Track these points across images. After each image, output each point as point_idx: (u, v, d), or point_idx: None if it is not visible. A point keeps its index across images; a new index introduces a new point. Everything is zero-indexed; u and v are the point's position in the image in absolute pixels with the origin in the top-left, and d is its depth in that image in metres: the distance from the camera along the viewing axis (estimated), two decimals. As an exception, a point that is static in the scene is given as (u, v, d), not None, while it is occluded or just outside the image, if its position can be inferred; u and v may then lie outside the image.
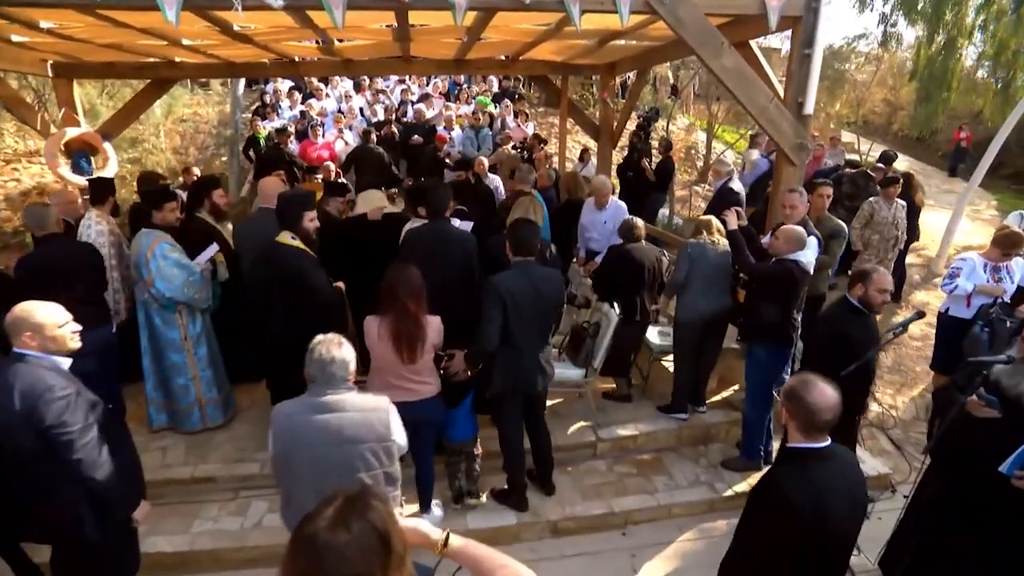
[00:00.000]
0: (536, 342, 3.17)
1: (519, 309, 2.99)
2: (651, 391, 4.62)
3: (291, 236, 3.31)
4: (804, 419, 1.82)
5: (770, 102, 3.68)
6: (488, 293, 2.97)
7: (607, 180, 5.02)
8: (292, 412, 2.11)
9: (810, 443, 1.84)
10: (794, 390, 1.86)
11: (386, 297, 2.75)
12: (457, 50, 6.05)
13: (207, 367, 4.04)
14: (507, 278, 2.99)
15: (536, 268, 3.09)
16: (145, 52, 5.61)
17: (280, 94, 9.59)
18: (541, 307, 3.09)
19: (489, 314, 2.97)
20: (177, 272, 3.70)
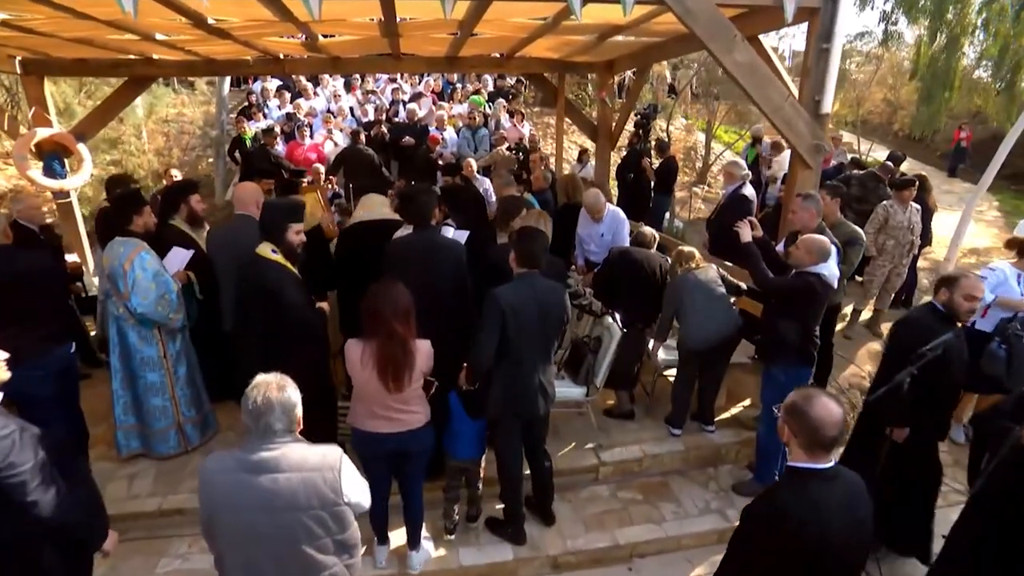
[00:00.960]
0: (538, 361, 2.90)
1: (521, 325, 2.72)
2: (656, 408, 4.35)
3: (272, 249, 3.00)
4: (807, 436, 1.71)
5: (785, 100, 3.42)
6: (487, 306, 2.70)
7: (599, 194, 4.75)
8: (217, 470, 1.77)
9: (813, 463, 1.74)
10: (795, 405, 1.76)
11: (370, 319, 2.47)
12: (449, 47, 5.78)
13: (186, 386, 3.75)
14: (509, 291, 2.73)
15: (540, 281, 2.83)
16: (119, 48, 5.31)
17: (267, 93, 9.27)
18: (544, 323, 2.83)
19: (486, 330, 2.70)
20: (153, 287, 3.39)
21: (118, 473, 3.62)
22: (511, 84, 10.57)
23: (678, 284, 3.83)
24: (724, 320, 3.72)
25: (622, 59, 6.63)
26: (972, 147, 15.09)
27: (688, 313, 3.74)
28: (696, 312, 3.70)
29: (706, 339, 3.70)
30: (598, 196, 4.74)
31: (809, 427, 1.70)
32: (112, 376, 3.62)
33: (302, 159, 7.87)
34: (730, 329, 3.74)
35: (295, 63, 6.30)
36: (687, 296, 3.73)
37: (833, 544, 1.67)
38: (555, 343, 2.98)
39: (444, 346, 2.87)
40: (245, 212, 3.55)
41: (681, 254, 3.89)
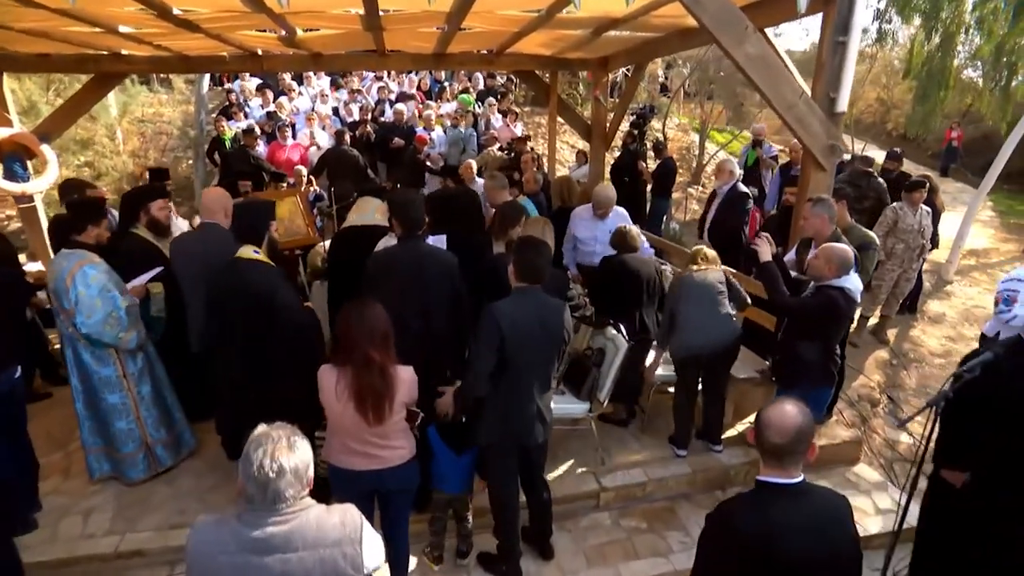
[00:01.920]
0: (537, 385, 2.63)
1: (520, 345, 2.44)
2: (653, 425, 4.10)
3: (254, 250, 2.84)
4: (766, 444, 1.63)
5: (799, 98, 3.17)
6: (483, 323, 2.42)
7: (611, 188, 4.47)
8: (213, 550, 1.43)
9: (776, 476, 1.64)
10: (760, 414, 1.69)
11: (344, 344, 2.18)
12: (437, 43, 5.49)
13: (152, 406, 3.45)
14: (508, 306, 2.45)
15: (542, 297, 2.55)
16: (83, 42, 4.96)
17: (248, 92, 8.91)
18: (545, 344, 2.55)
19: (481, 350, 2.42)
20: (99, 305, 3.07)
21: (74, 507, 3.29)
22: (501, 83, 10.30)
23: (676, 284, 3.58)
24: (721, 328, 3.45)
25: (617, 56, 6.37)
26: (963, 147, 15.09)
27: (683, 316, 3.47)
28: (691, 316, 3.44)
29: (700, 347, 3.43)
30: (610, 191, 4.47)
31: (760, 431, 1.64)
32: (74, 397, 3.31)
33: (284, 160, 7.54)
34: (727, 338, 3.47)
35: (274, 60, 5.97)
36: (684, 297, 3.47)
37: (792, 563, 1.57)
38: (555, 366, 2.70)
39: (435, 371, 2.59)
40: (212, 220, 3.24)
41: (698, 254, 3.60)
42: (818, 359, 2.96)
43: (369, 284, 2.77)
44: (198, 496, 3.41)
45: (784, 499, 1.62)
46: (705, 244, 5.23)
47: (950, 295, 6.89)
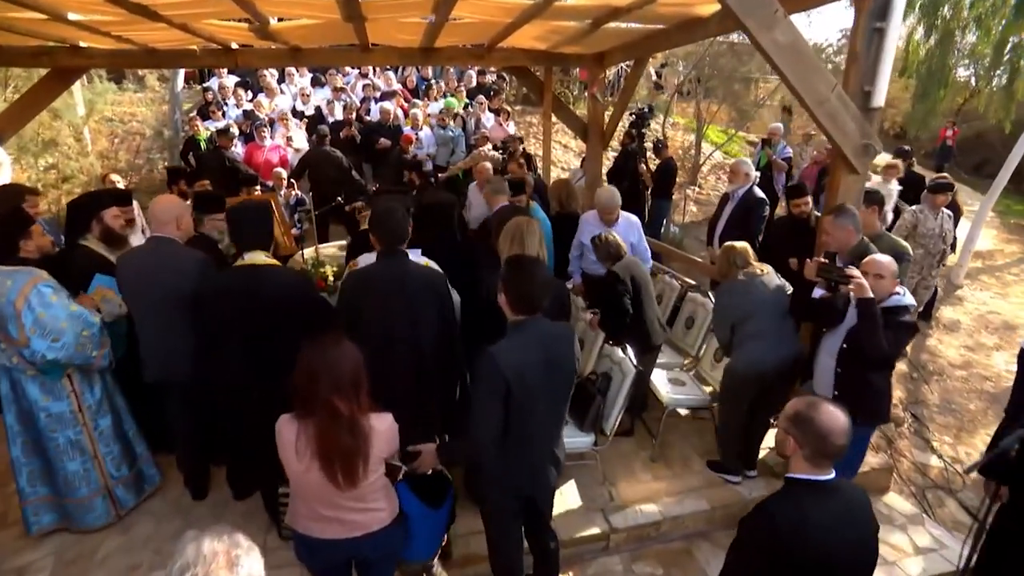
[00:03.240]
0: (548, 430, 2.25)
1: (528, 391, 2.05)
2: (664, 454, 3.74)
3: (265, 255, 2.61)
4: (814, 446, 1.63)
5: (832, 91, 2.81)
6: (483, 371, 2.01)
7: (615, 192, 4.11)
8: None
9: (813, 474, 1.66)
10: (800, 414, 1.67)
11: (303, 391, 1.78)
12: (424, 36, 5.09)
13: (113, 440, 3.05)
14: (511, 349, 2.03)
15: (545, 327, 2.15)
16: (34, 32, 4.50)
17: (226, 91, 8.43)
18: (555, 383, 2.17)
19: (484, 405, 2.02)
20: (67, 324, 2.66)
21: (5, 565, 2.85)
22: (492, 80, 9.90)
23: (740, 291, 3.14)
24: (790, 342, 3.08)
25: (614, 51, 6.01)
26: (957, 145, 14.97)
27: (753, 329, 3.07)
28: (762, 329, 3.04)
29: (770, 363, 3.04)
30: (613, 194, 4.10)
31: (817, 435, 1.61)
32: (10, 441, 2.87)
33: (262, 162, 7.09)
34: (796, 353, 3.10)
35: (249, 55, 5.53)
36: (753, 307, 3.06)
37: (834, 561, 1.59)
38: (568, 403, 2.32)
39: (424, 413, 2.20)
40: (163, 234, 2.81)
41: (734, 252, 3.20)
42: (888, 388, 2.63)
43: (344, 310, 2.37)
44: (156, 547, 2.99)
45: (822, 496, 1.63)
46: (715, 251, 4.89)
47: (962, 300, 6.62)
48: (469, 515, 2.85)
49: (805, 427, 1.63)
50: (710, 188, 12.43)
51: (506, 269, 2.17)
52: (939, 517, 3.49)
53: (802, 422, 1.64)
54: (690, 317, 4.34)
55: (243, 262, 2.57)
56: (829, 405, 1.65)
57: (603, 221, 4.08)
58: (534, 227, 2.80)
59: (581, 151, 11.93)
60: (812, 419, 1.62)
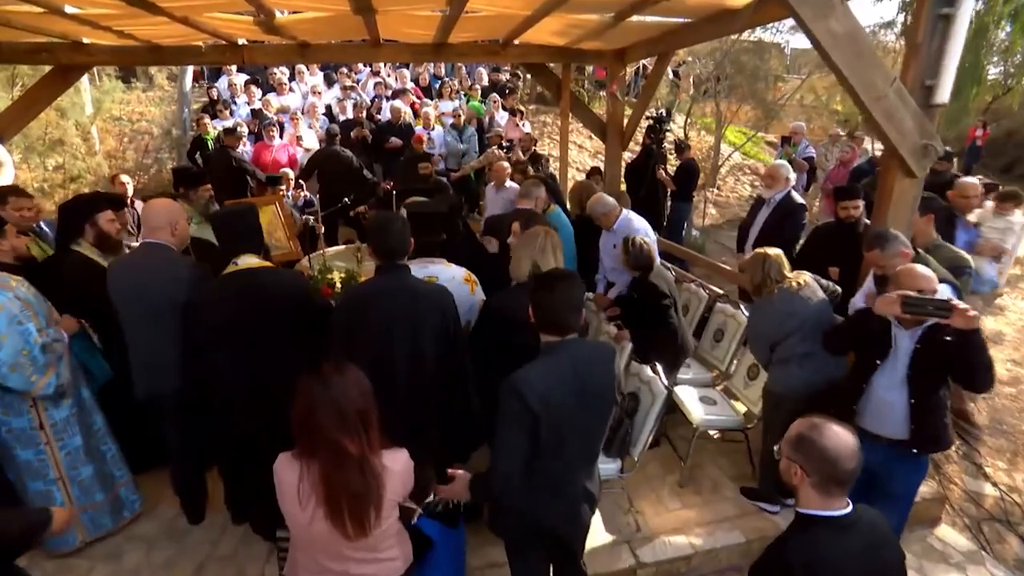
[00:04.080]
0: (581, 466, 2.00)
1: (557, 423, 1.81)
2: (694, 479, 3.47)
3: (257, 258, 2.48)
4: (822, 473, 1.48)
5: (890, 86, 2.52)
6: (507, 402, 1.77)
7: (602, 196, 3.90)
8: None
9: (826, 509, 1.51)
10: (804, 437, 1.52)
11: (304, 427, 1.54)
12: (437, 30, 4.85)
13: (84, 462, 2.84)
14: (538, 376, 1.79)
15: (580, 349, 1.90)
16: (33, 27, 4.33)
17: (235, 88, 8.26)
18: (593, 412, 1.92)
19: (508, 438, 1.78)
20: (5, 339, 2.44)
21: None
22: (506, 79, 9.65)
23: (778, 309, 2.82)
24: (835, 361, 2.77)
25: (636, 47, 5.74)
26: (986, 145, 14.48)
27: (798, 351, 2.78)
28: (812, 350, 2.75)
29: (829, 385, 2.76)
30: (601, 199, 3.87)
31: (824, 460, 1.47)
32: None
33: (270, 162, 6.91)
34: (839, 373, 2.79)
35: (255, 51, 5.34)
36: (797, 328, 2.76)
37: None
38: (604, 435, 2.07)
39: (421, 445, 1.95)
40: (155, 240, 2.60)
41: (767, 260, 2.84)
42: (949, 413, 2.38)
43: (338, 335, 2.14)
44: (148, 575, 2.78)
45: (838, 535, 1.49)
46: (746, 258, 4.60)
47: (1003, 310, 6.26)
48: (489, 546, 2.62)
49: (810, 452, 1.49)
50: (728, 190, 12.10)
51: (533, 285, 1.93)
52: (999, 554, 3.18)
53: (806, 446, 1.50)
54: (719, 329, 4.06)
55: (235, 268, 2.41)
56: (834, 425, 1.51)
57: (603, 226, 3.85)
58: (553, 238, 2.54)
59: (597, 151, 11.65)
60: (816, 442, 1.48)
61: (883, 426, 2.41)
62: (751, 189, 12.17)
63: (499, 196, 5.32)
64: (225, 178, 6.21)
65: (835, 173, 6.72)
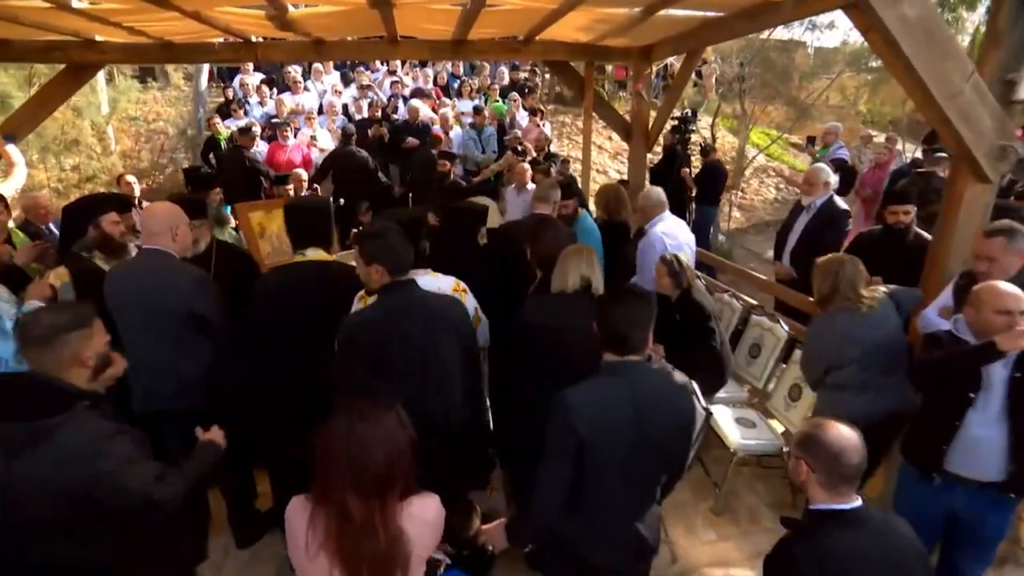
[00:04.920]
0: (633, 507, 1.78)
1: (606, 453, 1.60)
2: (729, 507, 3.21)
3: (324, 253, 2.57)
4: (826, 469, 1.50)
5: (967, 80, 2.25)
6: (553, 424, 1.60)
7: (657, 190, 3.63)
8: None
9: (834, 503, 1.51)
10: (808, 436, 1.56)
11: (318, 471, 1.32)
12: (457, 25, 4.65)
13: None
14: (590, 396, 1.61)
15: (644, 375, 1.68)
16: (43, 25, 4.21)
17: (248, 88, 8.16)
18: (648, 451, 1.69)
19: (550, 464, 1.61)
20: None
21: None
22: (525, 75, 9.43)
23: (845, 330, 2.49)
24: (904, 388, 2.46)
25: (665, 43, 5.47)
26: (1022, 148, 13.90)
27: (856, 379, 2.49)
28: (871, 380, 2.48)
29: (888, 417, 2.47)
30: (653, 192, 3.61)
31: (826, 457, 1.50)
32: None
33: (284, 162, 6.76)
34: (894, 405, 2.50)
35: (270, 48, 5.18)
36: (863, 355, 2.47)
37: None
38: (659, 482, 1.83)
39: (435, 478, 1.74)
40: (155, 246, 2.41)
41: (843, 269, 2.52)
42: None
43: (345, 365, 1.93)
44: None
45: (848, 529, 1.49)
46: (782, 266, 4.33)
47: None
48: None
49: (815, 449, 1.53)
50: (752, 192, 11.74)
51: (603, 297, 1.84)
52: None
53: (811, 444, 1.54)
54: (755, 344, 3.79)
55: (303, 258, 2.49)
56: (838, 423, 1.55)
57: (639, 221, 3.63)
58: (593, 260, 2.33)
59: (617, 152, 11.38)
60: (820, 440, 1.52)
61: (973, 467, 2.12)
62: (775, 192, 11.82)
63: (520, 198, 5.10)
64: (238, 178, 6.09)
65: (870, 176, 6.38)
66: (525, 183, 5.25)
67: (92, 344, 1.65)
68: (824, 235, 3.86)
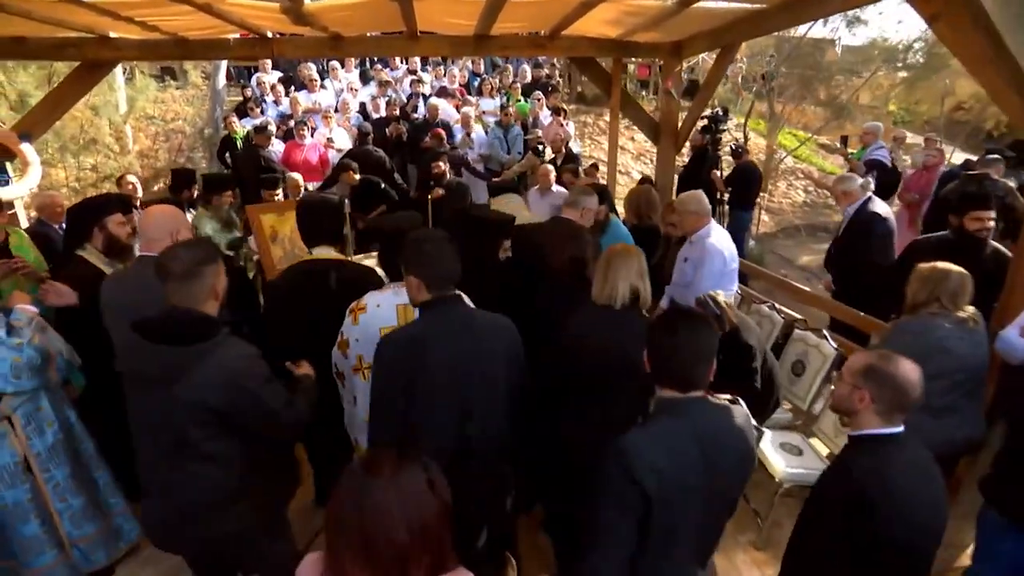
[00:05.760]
0: (697, 556, 1.55)
1: (672, 508, 1.37)
2: (772, 541, 2.94)
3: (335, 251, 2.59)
4: (892, 400, 1.55)
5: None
6: (611, 476, 1.36)
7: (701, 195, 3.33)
8: None
9: (884, 428, 1.57)
10: (876, 368, 1.58)
11: (330, 550, 1.09)
12: (479, 20, 4.44)
13: (75, 492, 2.52)
14: (653, 443, 1.37)
15: (707, 413, 1.46)
16: (55, 20, 4.09)
17: (266, 86, 8.04)
18: (713, 499, 1.46)
19: (608, 523, 1.37)
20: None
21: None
22: (546, 72, 9.18)
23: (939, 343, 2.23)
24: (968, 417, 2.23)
25: (697, 38, 5.21)
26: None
27: (939, 402, 2.22)
28: (956, 404, 2.24)
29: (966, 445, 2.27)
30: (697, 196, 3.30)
31: (897, 389, 1.54)
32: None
33: (300, 162, 6.61)
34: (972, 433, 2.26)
35: (285, 44, 5.03)
36: (952, 373, 2.22)
37: (918, 519, 1.48)
38: (724, 523, 1.60)
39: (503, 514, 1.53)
40: (154, 254, 2.22)
41: (949, 280, 2.28)
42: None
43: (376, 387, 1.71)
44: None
45: (898, 450, 1.56)
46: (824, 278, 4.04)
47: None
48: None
49: (883, 381, 1.56)
50: (781, 195, 11.35)
51: (654, 325, 1.53)
52: None
53: (879, 376, 1.56)
54: (799, 361, 3.50)
55: (312, 256, 2.52)
56: (903, 358, 1.58)
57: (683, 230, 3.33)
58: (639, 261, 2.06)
59: (640, 153, 11.08)
60: (892, 373, 1.55)
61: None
62: (804, 195, 11.42)
63: (544, 201, 4.87)
64: (254, 178, 5.93)
65: (916, 179, 6.01)
66: (549, 185, 5.01)
67: (221, 279, 1.81)
68: (857, 242, 3.56)
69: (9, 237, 3.29)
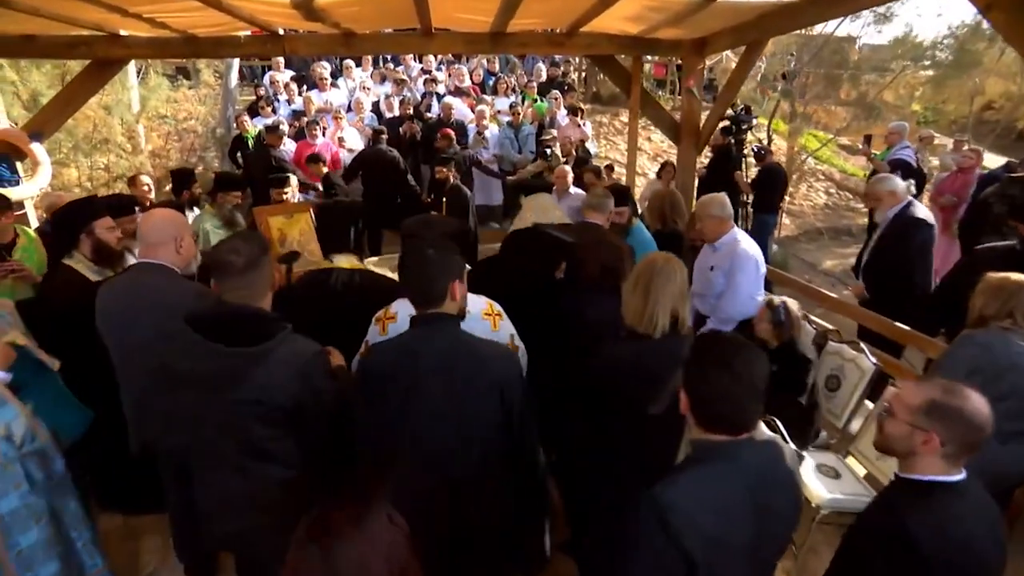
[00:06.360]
0: None
1: (724, 569, 1.18)
2: (810, 572, 2.74)
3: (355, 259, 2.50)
4: (963, 441, 1.33)
5: None
6: (645, 536, 1.16)
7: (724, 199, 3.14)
8: None
9: (950, 475, 1.36)
10: (941, 405, 1.34)
11: None
12: (496, 15, 4.29)
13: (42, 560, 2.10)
14: (701, 500, 1.18)
15: (763, 454, 1.27)
16: (64, 17, 4.01)
17: (278, 85, 7.96)
18: (763, 555, 1.29)
19: None
20: None
21: None
22: (562, 72, 9.01)
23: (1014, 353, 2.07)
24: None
25: (721, 35, 5.01)
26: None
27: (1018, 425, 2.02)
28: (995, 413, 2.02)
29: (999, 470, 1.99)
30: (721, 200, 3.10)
31: (970, 428, 1.31)
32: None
33: (312, 162, 6.50)
34: None
35: (297, 41, 4.92)
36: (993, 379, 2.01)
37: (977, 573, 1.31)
38: None
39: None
40: (154, 260, 2.09)
41: (1011, 284, 2.12)
42: None
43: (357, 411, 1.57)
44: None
45: (956, 499, 1.35)
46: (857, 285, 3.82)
47: None
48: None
49: (953, 419, 1.33)
50: (801, 197, 11.07)
51: (691, 355, 1.32)
52: None
53: (947, 413, 1.33)
54: (834, 375, 3.29)
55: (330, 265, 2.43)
56: (968, 389, 1.37)
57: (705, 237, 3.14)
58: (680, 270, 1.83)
59: (657, 153, 10.85)
60: (960, 409, 1.33)
61: None
62: (826, 197, 11.14)
63: (562, 204, 4.69)
64: (265, 178, 5.84)
65: (951, 182, 5.74)
66: (567, 188, 4.84)
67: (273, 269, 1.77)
68: (896, 248, 3.35)
69: (18, 237, 3.19)
